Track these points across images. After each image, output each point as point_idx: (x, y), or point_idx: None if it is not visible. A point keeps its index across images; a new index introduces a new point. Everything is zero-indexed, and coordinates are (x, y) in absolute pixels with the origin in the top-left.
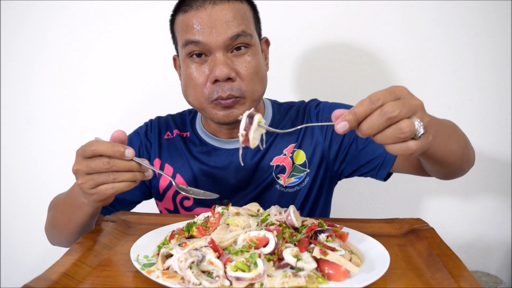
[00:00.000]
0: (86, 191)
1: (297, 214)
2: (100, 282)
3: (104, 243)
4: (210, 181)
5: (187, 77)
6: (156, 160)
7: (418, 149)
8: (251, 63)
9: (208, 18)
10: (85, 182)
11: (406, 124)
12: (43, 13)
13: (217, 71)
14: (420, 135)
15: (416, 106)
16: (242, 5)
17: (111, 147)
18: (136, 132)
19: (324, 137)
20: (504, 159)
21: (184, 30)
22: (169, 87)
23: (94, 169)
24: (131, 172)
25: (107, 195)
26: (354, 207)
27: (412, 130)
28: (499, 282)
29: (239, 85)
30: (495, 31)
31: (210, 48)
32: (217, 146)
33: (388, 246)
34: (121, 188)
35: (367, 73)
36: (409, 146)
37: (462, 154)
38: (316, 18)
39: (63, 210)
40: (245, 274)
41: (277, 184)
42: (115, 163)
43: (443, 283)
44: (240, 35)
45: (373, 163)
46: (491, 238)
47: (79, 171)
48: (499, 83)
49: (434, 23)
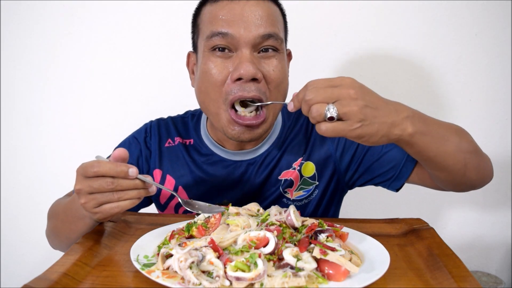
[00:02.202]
0: (90, 210)
1: (297, 214)
2: (100, 282)
3: (104, 243)
4: (214, 193)
5: (204, 73)
6: (157, 171)
7: (326, 132)
8: (278, 67)
9: (240, 10)
10: (88, 202)
11: (315, 108)
12: (43, 13)
13: (242, 69)
14: (328, 118)
15: (343, 94)
16: (275, 8)
17: (114, 167)
18: (134, 137)
19: (335, 148)
20: (504, 159)
21: (211, 21)
22: (169, 87)
23: (97, 189)
24: (135, 190)
25: (112, 214)
26: (354, 207)
27: (320, 113)
28: (499, 282)
29: (265, 88)
30: (495, 31)
31: (238, 43)
32: (223, 157)
33: (388, 246)
34: (126, 206)
35: (367, 73)
36: (320, 127)
37: (464, 159)
38: (316, 18)
39: (63, 220)
40: (245, 274)
41: (284, 198)
42: (119, 183)
43: (443, 283)
44: (271, 36)
45: (388, 174)
46: (491, 238)
47: (82, 190)
48: (499, 83)
49: (434, 23)
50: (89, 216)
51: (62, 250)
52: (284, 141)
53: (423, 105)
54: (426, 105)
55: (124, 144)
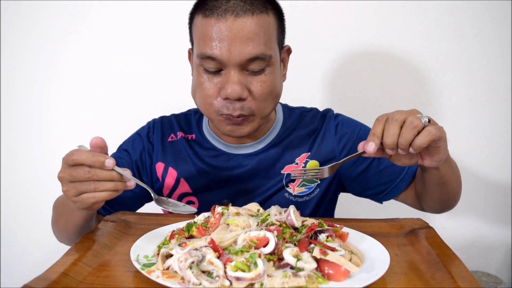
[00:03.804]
0: (70, 198)
1: (297, 214)
2: (100, 282)
3: (104, 243)
4: (215, 185)
5: (198, 83)
6: (159, 164)
7: (436, 132)
8: (266, 82)
9: (227, 31)
10: (69, 189)
11: (412, 118)
12: (43, 13)
13: (229, 90)
14: (427, 124)
15: (411, 111)
16: (267, 18)
17: (91, 157)
18: (137, 134)
19: (340, 151)
20: (504, 159)
21: (201, 39)
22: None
23: (76, 177)
24: (112, 182)
25: (88, 204)
26: (354, 207)
27: (419, 120)
28: (499, 282)
29: (249, 104)
30: (495, 31)
31: (226, 64)
32: (225, 150)
33: (388, 246)
34: (102, 197)
35: (367, 74)
36: (429, 130)
37: (458, 183)
38: (316, 18)
39: (61, 213)
40: (245, 274)
41: (286, 192)
42: (95, 173)
43: (443, 283)
44: (257, 58)
45: (381, 187)
46: (491, 238)
47: (63, 178)
48: (499, 83)
49: (434, 23)
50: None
51: (64, 243)
52: (285, 138)
53: (423, 105)
54: (426, 105)
55: (128, 142)
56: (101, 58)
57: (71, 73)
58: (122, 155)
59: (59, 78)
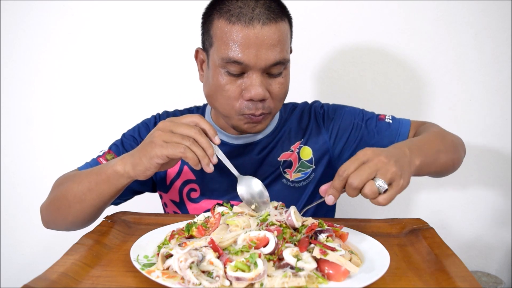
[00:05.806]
0: (157, 141)
1: (297, 214)
2: (100, 282)
3: (104, 243)
4: (216, 172)
5: (217, 85)
6: None
7: (387, 201)
8: (283, 84)
9: (255, 38)
10: (164, 135)
11: (368, 189)
12: (43, 13)
13: (253, 92)
14: (385, 191)
15: (377, 164)
16: (285, 24)
17: (209, 125)
18: (145, 123)
19: (329, 136)
20: (504, 159)
21: (226, 44)
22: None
23: (182, 131)
24: (203, 152)
25: (169, 152)
26: (354, 207)
27: (374, 191)
28: (499, 282)
29: (269, 103)
30: (495, 31)
31: (250, 68)
32: (226, 141)
33: (388, 246)
34: (189, 157)
35: (367, 73)
36: (379, 201)
37: (453, 160)
38: (315, 18)
39: (91, 182)
40: (245, 274)
41: (284, 179)
42: (200, 137)
43: (443, 283)
44: (279, 63)
45: None
46: (491, 238)
47: (166, 125)
48: (499, 83)
49: (434, 23)
50: (122, 174)
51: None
52: (281, 129)
53: (423, 105)
54: (426, 105)
55: (134, 130)
56: (101, 58)
57: (71, 72)
58: (129, 140)
59: (59, 78)
